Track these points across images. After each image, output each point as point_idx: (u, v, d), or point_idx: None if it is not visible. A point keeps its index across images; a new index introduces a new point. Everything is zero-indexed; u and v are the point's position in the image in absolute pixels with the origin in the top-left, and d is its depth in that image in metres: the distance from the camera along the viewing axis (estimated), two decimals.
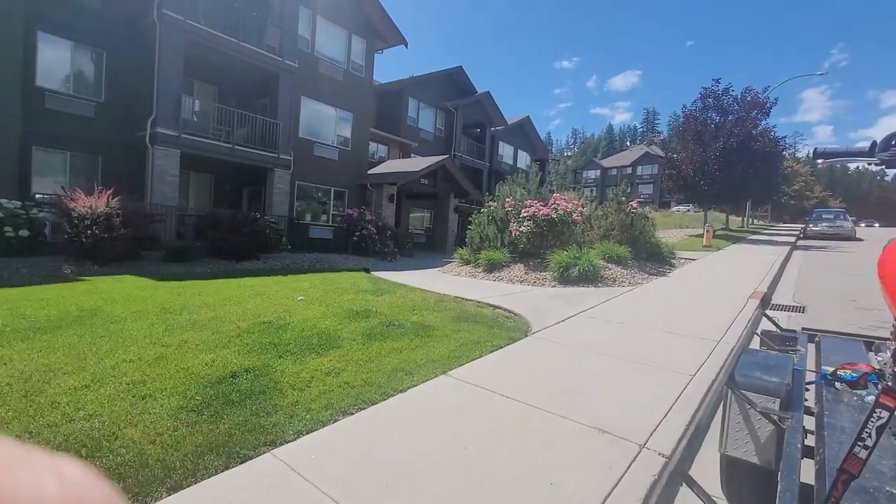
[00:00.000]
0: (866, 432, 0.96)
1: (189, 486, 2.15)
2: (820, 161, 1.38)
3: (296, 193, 16.30)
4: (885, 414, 0.94)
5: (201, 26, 12.55)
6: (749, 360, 2.32)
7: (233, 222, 11.39)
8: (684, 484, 2.50)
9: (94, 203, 9.15)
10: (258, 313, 5.21)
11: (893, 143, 1.17)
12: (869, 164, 1.23)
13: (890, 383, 0.96)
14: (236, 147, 13.51)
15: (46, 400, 2.89)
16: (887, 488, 1.41)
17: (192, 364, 3.57)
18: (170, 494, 2.09)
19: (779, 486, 1.47)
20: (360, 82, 18.57)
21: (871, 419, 0.96)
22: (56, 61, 12.08)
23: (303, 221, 16.70)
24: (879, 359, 2.17)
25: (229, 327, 4.60)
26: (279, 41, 14.54)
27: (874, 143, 1.21)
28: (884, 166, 1.18)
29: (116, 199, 9.48)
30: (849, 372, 2.08)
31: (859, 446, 0.96)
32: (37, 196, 11.16)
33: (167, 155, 12.03)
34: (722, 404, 2.18)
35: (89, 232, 8.77)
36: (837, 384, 2.12)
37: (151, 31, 11.96)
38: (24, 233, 8.94)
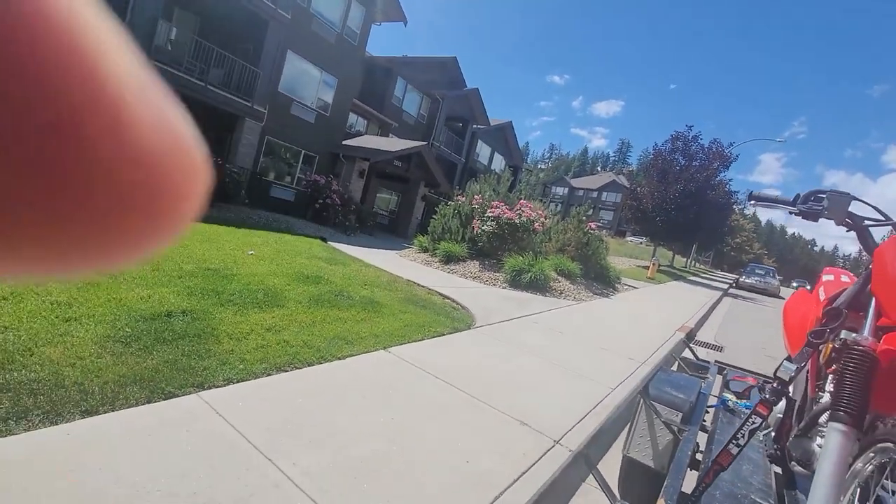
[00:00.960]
0: (741, 433, 1.12)
1: (105, 412, 2.10)
2: (752, 202, 1.56)
3: (264, 148, 15.67)
4: (759, 420, 1.10)
5: None
6: (664, 377, 2.55)
7: None
8: (584, 482, 2.72)
9: None
10: (204, 259, 5.04)
11: (812, 199, 1.35)
12: (790, 212, 1.41)
13: (767, 396, 1.13)
14: (209, 87, 12.79)
15: None
16: (752, 496, 1.63)
17: (126, 297, 3.42)
18: (83, 418, 2.04)
19: (665, 484, 1.66)
20: (352, 50, 18.08)
21: (747, 423, 1.12)
22: None
23: (266, 178, 16.10)
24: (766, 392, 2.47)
25: (171, 266, 4.42)
26: None
27: (797, 195, 1.40)
28: (800, 216, 1.36)
29: None
30: (729, 394, 2.35)
31: (733, 444, 1.12)
32: None
33: None
34: (633, 412, 2.39)
35: None
36: (730, 409, 2.39)
37: None
38: None
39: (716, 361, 3.54)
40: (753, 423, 1.10)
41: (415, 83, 24.71)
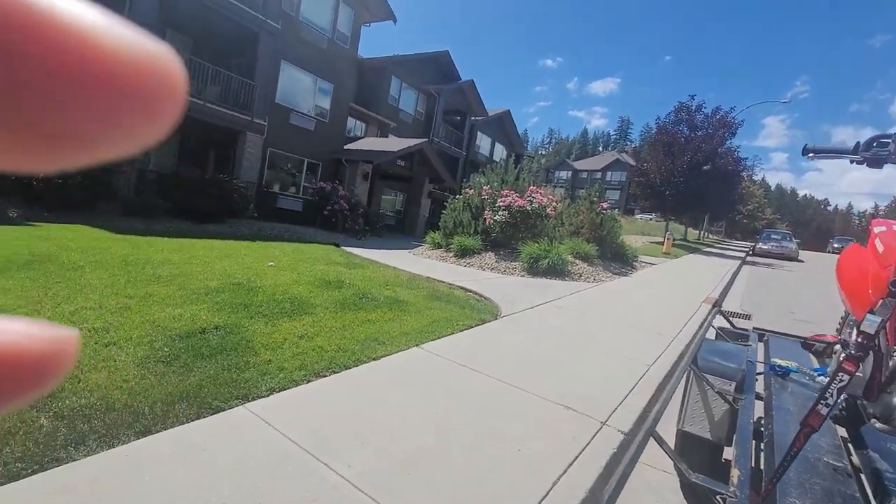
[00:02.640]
0: (829, 392, 1.09)
1: (159, 431, 2.12)
2: (809, 156, 1.51)
3: (267, 161, 15.74)
4: (846, 377, 1.07)
5: None
6: (710, 347, 2.51)
7: (199, 183, 10.94)
8: (637, 463, 2.69)
9: None
10: (227, 274, 5.08)
11: (874, 144, 1.30)
12: (852, 161, 1.36)
13: (853, 351, 1.09)
14: (208, 104, 12.86)
15: None
16: (825, 458, 1.59)
17: (159, 317, 3.45)
18: (138, 438, 2.05)
19: (734, 454, 1.63)
20: (344, 54, 18.06)
21: (834, 381, 1.08)
22: None
23: (272, 190, 16.19)
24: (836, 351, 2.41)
25: (197, 285, 4.46)
26: None
27: (858, 143, 1.35)
28: (865, 164, 1.31)
29: None
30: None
31: (822, 404, 1.08)
32: None
33: None
34: (683, 385, 2.35)
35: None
36: (781, 374, 2.33)
37: None
38: None
39: (755, 328, 3.48)
40: (841, 380, 1.06)
41: (409, 81, 24.62)
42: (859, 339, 1.08)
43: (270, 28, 14.10)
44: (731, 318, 3.69)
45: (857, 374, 1.08)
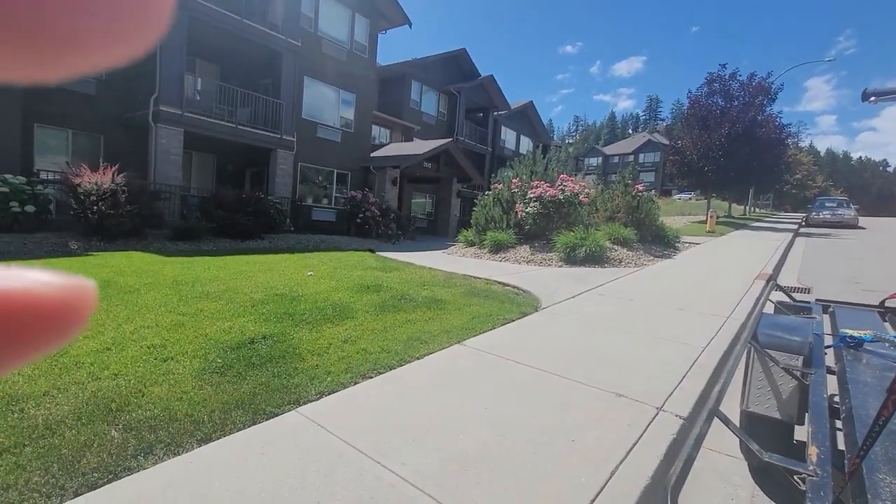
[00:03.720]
0: None
1: (218, 438, 2.20)
2: (872, 99, 1.38)
3: (298, 175, 16.20)
4: None
5: (205, 3, 12.33)
6: (771, 321, 2.35)
7: (237, 203, 11.36)
8: (701, 448, 2.56)
9: (99, 179, 9.10)
10: (270, 286, 5.24)
11: None
12: None
13: None
14: (239, 127, 13.39)
15: (70, 360, 2.92)
16: None
17: (211, 330, 3.60)
18: (200, 445, 2.14)
19: (809, 431, 1.51)
20: (364, 63, 18.33)
21: None
22: None
23: (305, 203, 16.63)
24: None
25: (243, 298, 4.63)
26: (282, 19, 14.31)
27: None
28: None
29: (121, 175, 9.43)
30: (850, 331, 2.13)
31: None
32: (39, 173, 11.09)
33: (170, 133, 11.92)
34: (744, 364, 2.22)
35: (95, 208, 8.75)
36: (854, 346, 2.15)
37: None
38: (29, 208, 8.90)
39: (817, 300, 3.25)
40: None
41: (429, 83, 24.74)
42: None
43: (292, 47, 14.52)
44: (789, 293, 3.45)
45: None
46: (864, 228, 20.77)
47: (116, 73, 12.59)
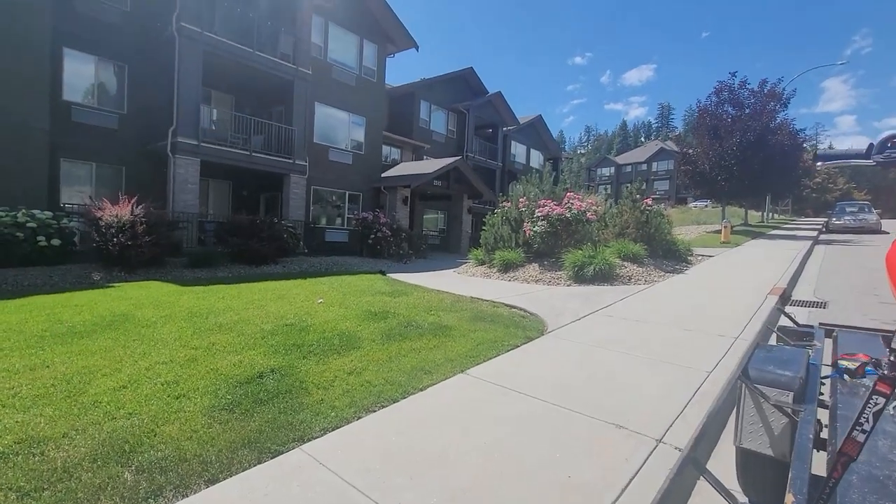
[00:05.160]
0: (864, 417, 1.02)
1: (225, 479, 2.29)
2: (819, 164, 1.43)
3: (311, 198, 16.57)
4: (881, 400, 1.00)
5: (218, 37, 12.88)
6: (763, 355, 2.36)
7: (252, 228, 11.67)
8: (702, 478, 2.55)
9: (119, 211, 9.49)
10: (281, 316, 5.38)
11: (889, 144, 1.22)
12: (867, 166, 1.28)
13: (886, 372, 1.01)
14: (253, 154, 13.82)
15: (89, 400, 3.07)
16: None
17: (221, 365, 3.73)
18: (208, 486, 2.23)
19: (790, 475, 1.53)
20: (372, 87, 18.80)
21: (868, 405, 1.02)
22: (81, 76, 12.54)
23: (319, 225, 16.97)
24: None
25: (254, 329, 4.77)
26: (293, 49, 14.83)
27: (871, 145, 1.26)
28: (881, 168, 1.23)
29: (140, 207, 9.81)
30: (846, 363, 2.13)
31: (857, 430, 1.02)
32: (65, 206, 11.59)
33: (188, 163, 12.37)
34: (737, 398, 2.23)
35: (116, 240, 9.10)
36: (847, 377, 2.15)
37: (171, 44, 12.33)
38: (55, 242, 9.31)
39: (820, 324, 3.22)
40: (876, 403, 0.99)
41: (437, 102, 25.15)
42: (892, 358, 1.00)
43: (302, 75, 15.00)
44: (794, 315, 3.42)
45: None
46: (887, 233, 20.18)
47: (137, 106, 13.20)
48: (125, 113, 13.19)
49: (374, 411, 3.05)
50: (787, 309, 5.81)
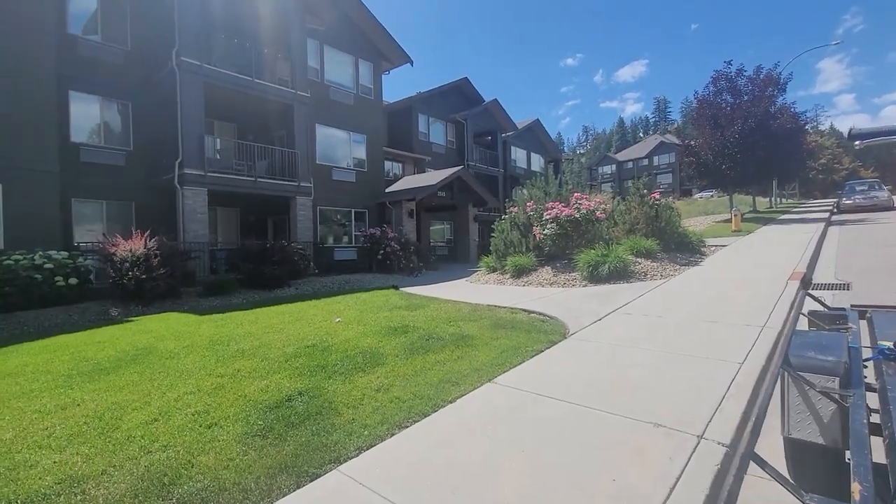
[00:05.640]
0: None
1: None
2: (857, 143, 1.41)
3: (318, 218, 16.69)
4: None
5: (217, 69, 13.14)
6: (801, 340, 2.31)
7: (263, 253, 11.76)
8: (748, 473, 2.49)
9: (133, 246, 9.61)
10: (301, 338, 5.39)
11: None
12: None
13: None
14: (258, 179, 13.99)
15: (122, 435, 3.08)
16: None
17: (249, 391, 3.73)
18: None
19: (852, 464, 1.49)
20: (370, 104, 19.03)
21: None
22: (87, 117, 12.82)
23: (327, 245, 17.07)
24: None
25: (276, 353, 4.77)
26: (290, 74, 15.08)
27: None
28: None
29: (153, 240, 9.93)
30: (887, 343, 2.08)
31: None
32: (79, 245, 11.76)
33: (195, 194, 12.54)
34: (780, 388, 2.18)
35: (131, 274, 9.21)
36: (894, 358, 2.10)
37: (171, 79, 12.58)
38: (72, 280, 9.44)
39: (852, 306, 3.16)
40: None
41: (435, 114, 25.39)
42: None
43: (301, 98, 15.23)
44: (822, 300, 3.36)
45: None
46: None
47: (143, 142, 13.44)
48: (131, 149, 13.45)
49: (407, 427, 3.02)
50: (812, 292, 5.72)
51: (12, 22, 10.36)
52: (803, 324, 3.62)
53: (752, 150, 19.33)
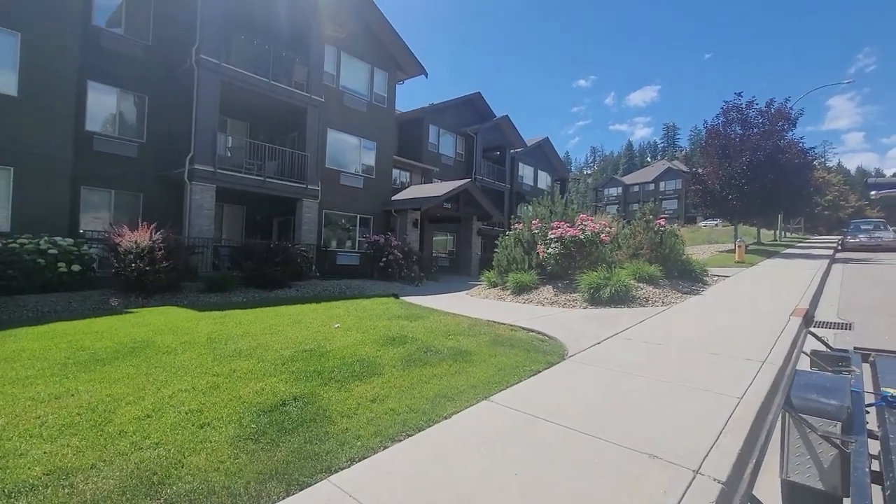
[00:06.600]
0: None
1: None
2: (873, 193, 1.42)
3: (323, 221, 16.75)
4: None
5: (235, 68, 13.33)
6: (804, 381, 2.29)
7: (266, 252, 11.78)
8: None
9: (138, 238, 9.64)
10: (299, 341, 5.37)
11: None
12: None
13: None
14: (267, 179, 14.08)
15: (114, 429, 3.06)
16: None
17: (244, 392, 3.71)
18: None
19: None
20: (383, 113, 19.20)
21: None
22: (103, 107, 12.96)
23: (330, 248, 17.10)
24: None
25: (273, 355, 4.75)
26: (306, 78, 15.26)
27: None
28: None
29: (159, 233, 9.97)
30: (891, 390, 2.06)
31: None
32: (84, 232, 11.82)
33: (204, 190, 12.63)
34: (780, 428, 2.16)
35: (134, 265, 9.23)
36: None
37: (189, 75, 12.76)
38: (75, 268, 9.46)
39: (856, 348, 3.13)
40: None
41: (446, 126, 25.60)
42: None
43: (315, 102, 15.39)
44: (825, 339, 3.34)
45: None
46: None
47: (156, 135, 13.57)
48: (144, 141, 13.56)
49: (400, 440, 3.00)
50: (814, 330, 5.68)
51: (42, 10, 10.57)
52: (805, 363, 3.60)
53: (760, 182, 19.36)
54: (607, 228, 9.70)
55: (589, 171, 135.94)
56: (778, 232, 34.30)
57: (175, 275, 9.92)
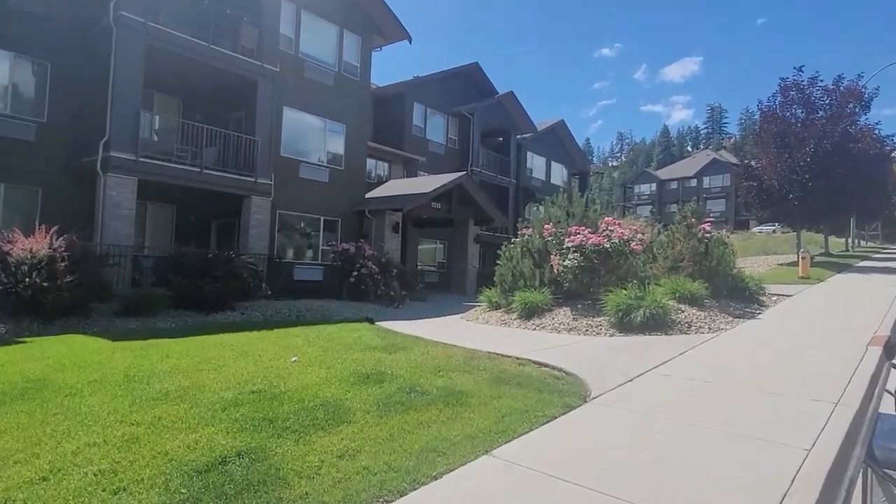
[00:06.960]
0: None
1: None
2: None
3: (277, 225, 16.71)
4: None
5: (165, 28, 13.32)
6: (888, 428, 2.32)
7: (202, 264, 11.68)
8: None
9: (34, 245, 9.51)
10: (245, 380, 5.31)
11: None
12: None
13: None
14: (205, 171, 14.02)
15: None
16: None
17: (171, 447, 3.64)
18: None
19: None
20: (355, 86, 19.30)
21: None
22: None
23: (286, 260, 17.04)
24: None
25: (211, 398, 4.69)
26: (257, 42, 15.31)
27: None
28: None
29: (61, 238, 9.84)
30: None
31: None
32: None
33: (122, 183, 12.53)
34: (861, 487, 2.18)
35: (28, 280, 9.07)
36: None
37: (106, 37, 12.73)
38: None
39: None
40: None
41: (435, 105, 25.76)
42: None
43: (268, 73, 15.43)
44: None
45: None
46: None
47: (61, 114, 13.46)
48: (45, 121, 13.45)
49: None
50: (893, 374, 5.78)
51: None
52: (889, 404, 3.65)
53: (827, 176, 19.76)
54: (639, 235, 9.81)
55: (615, 163, 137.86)
56: (850, 240, 34.99)
57: (83, 292, 9.77)
